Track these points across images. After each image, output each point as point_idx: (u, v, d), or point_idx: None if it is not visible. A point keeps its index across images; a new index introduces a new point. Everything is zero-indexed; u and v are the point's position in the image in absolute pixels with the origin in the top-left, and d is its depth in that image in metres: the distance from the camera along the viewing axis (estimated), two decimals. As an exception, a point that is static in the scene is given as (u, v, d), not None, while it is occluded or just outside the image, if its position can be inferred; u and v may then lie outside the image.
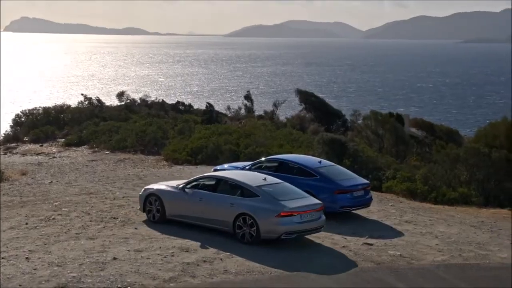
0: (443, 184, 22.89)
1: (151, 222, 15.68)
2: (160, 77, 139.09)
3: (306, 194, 15.15)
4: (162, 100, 52.93)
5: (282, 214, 13.82)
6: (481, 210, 20.50)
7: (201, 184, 15.50)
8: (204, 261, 12.80)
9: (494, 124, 26.08)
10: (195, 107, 51.59)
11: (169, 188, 15.75)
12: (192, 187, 15.45)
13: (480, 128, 28.37)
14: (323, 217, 14.81)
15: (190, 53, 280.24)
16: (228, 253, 13.37)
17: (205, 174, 16.41)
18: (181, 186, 15.62)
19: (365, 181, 18.61)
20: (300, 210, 14.09)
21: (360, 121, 37.81)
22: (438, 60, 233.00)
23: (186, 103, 52.56)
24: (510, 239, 16.19)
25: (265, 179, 15.10)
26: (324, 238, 15.12)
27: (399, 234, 16.01)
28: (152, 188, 16.11)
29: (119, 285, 11.26)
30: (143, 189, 16.44)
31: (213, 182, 15.31)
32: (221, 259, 12.99)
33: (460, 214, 19.40)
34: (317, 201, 14.96)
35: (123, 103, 47.26)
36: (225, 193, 14.76)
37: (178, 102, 51.62)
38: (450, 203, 21.35)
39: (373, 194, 19.45)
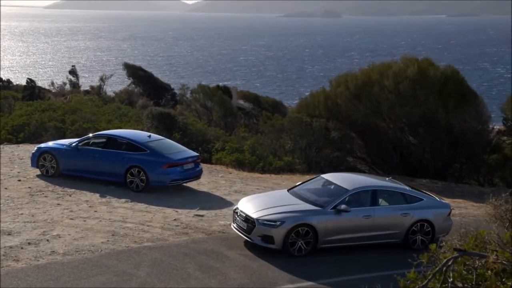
0: (269, 153, 23.85)
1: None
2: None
3: None
4: (-24, 75, 49.23)
5: None
6: (304, 176, 21.64)
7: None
8: (29, 244, 12.14)
9: (313, 94, 27.46)
10: (14, 83, 48.67)
11: None
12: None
13: (302, 98, 29.76)
14: None
15: (3, 25, 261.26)
16: (55, 234, 12.82)
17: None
18: None
19: (195, 153, 18.78)
20: None
21: (188, 95, 38.02)
22: (260, 34, 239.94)
23: (4, 78, 49.40)
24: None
25: None
26: (156, 212, 15.07)
27: (229, 204, 16.40)
28: None
29: None
30: None
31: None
32: (47, 240, 12.40)
33: (286, 182, 20.34)
34: None
35: None
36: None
37: (-6, 78, 48.30)
38: (276, 171, 22.32)
39: (203, 166, 19.72)
